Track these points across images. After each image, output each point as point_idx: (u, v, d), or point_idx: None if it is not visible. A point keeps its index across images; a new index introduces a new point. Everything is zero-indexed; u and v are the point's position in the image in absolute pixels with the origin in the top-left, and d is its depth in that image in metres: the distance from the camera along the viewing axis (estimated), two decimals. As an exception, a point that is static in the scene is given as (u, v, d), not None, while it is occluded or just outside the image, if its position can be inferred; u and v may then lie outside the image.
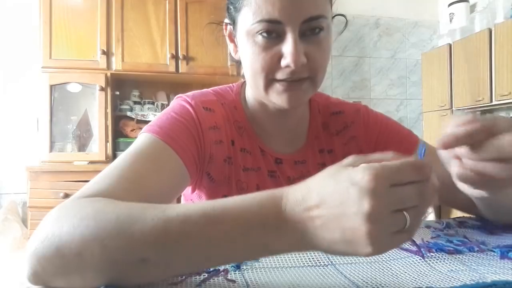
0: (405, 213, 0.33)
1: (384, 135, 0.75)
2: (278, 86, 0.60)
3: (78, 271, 0.38)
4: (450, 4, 3.42)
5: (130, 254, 0.37)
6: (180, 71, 2.73)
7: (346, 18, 0.64)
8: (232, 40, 0.68)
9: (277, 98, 0.61)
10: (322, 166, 0.73)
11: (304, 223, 0.35)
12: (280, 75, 0.59)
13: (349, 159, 0.38)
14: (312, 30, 0.58)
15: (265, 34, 0.57)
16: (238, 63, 0.73)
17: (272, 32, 0.57)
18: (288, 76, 0.58)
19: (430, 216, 2.64)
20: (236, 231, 0.37)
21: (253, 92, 0.67)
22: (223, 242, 0.37)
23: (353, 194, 0.33)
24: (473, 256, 0.49)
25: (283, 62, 0.57)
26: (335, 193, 0.35)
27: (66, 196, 2.31)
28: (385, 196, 0.33)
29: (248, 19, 0.58)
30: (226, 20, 0.67)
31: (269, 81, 0.60)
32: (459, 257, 0.48)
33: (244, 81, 0.75)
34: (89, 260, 0.37)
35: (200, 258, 0.38)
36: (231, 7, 0.63)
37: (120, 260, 0.37)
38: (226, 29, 0.69)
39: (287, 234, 0.36)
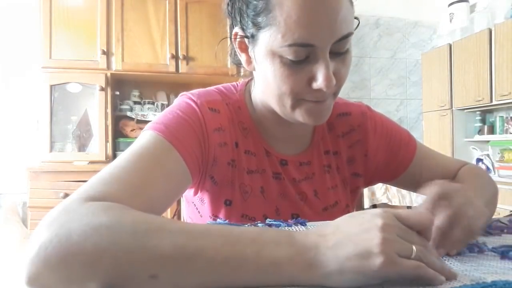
0: (413, 246, 0.37)
1: (390, 140, 0.77)
2: (306, 106, 0.59)
3: (81, 282, 0.36)
4: (450, 4, 3.42)
5: (141, 269, 0.36)
6: (180, 71, 2.73)
7: (358, 20, 0.60)
8: (244, 51, 0.62)
9: (304, 116, 0.60)
10: (327, 167, 0.73)
11: (317, 244, 0.38)
12: (309, 96, 0.58)
13: None
14: (340, 48, 0.56)
15: (295, 58, 0.54)
16: (240, 65, 0.71)
17: (302, 55, 0.54)
18: (318, 98, 0.58)
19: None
20: (250, 249, 0.37)
21: (274, 107, 0.63)
22: (237, 260, 0.37)
23: (367, 216, 0.39)
24: (473, 256, 0.49)
25: (315, 85, 0.55)
26: (350, 221, 0.39)
27: (66, 196, 2.30)
28: (394, 223, 0.38)
29: (276, 41, 0.54)
30: (238, 30, 0.61)
31: (297, 101, 0.59)
32: (459, 258, 0.48)
33: (249, 81, 0.73)
34: (97, 272, 0.35)
35: (211, 278, 0.37)
36: (249, 21, 0.57)
37: (130, 274, 0.36)
38: (235, 38, 0.62)
39: (299, 253, 0.37)
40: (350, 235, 0.37)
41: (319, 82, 0.54)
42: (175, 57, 2.71)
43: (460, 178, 0.73)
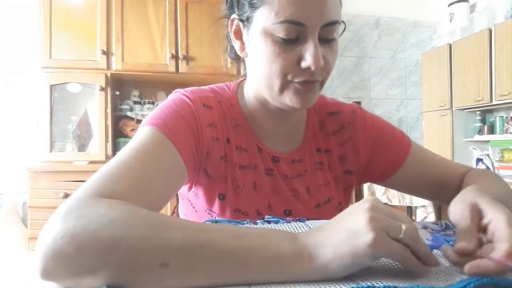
0: (402, 225, 0.38)
1: (380, 138, 0.76)
2: (293, 88, 0.61)
3: (93, 271, 0.37)
4: (450, 4, 3.42)
5: (153, 257, 0.37)
6: (180, 71, 2.74)
7: (345, 24, 0.64)
8: (239, 38, 0.66)
9: (291, 99, 0.62)
10: (319, 165, 0.74)
11: (316, 239, 0.40)
12: (297, 77, 0.60)
13: None
14: (328, 34, 0.59)
15: (286, 36, 0.57)
16: (240, 61, 0.73)
17: (293, 34, 0.57)
18: (306, 78, 0.59)
19: (430, 216, 2.65)
20: (257, 243, 0.39)
21: (262, 92, 0.66)
22: (244, 252, 0.38)
23: (356, 205, 0.41)
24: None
25: (304, 64, 0.58)
26: (343, 213, 0.42)
27: (66, 196, 2.31)
28: (382, 205, 0.40)
29: (269, 18, 0.57)
30: (235, 16, 0.64)
31: (286, 82, 0.61)
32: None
33: (242, 80, 0.75)
34: (109, 261, 0.37)
35: (218, 270, 0.38)
36: (245, 2, 0.61)
37: (142, 262, 0.37)
38: (232, 25, 0.66)
39: (301, 248, 0.39)
40: (341, 222, 0.40)
41: (308, 60, 0.57)
42: (175, 57, 2.71)
43: (469, 181, 0.69)
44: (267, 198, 0.69)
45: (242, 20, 0.63)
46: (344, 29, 0.65)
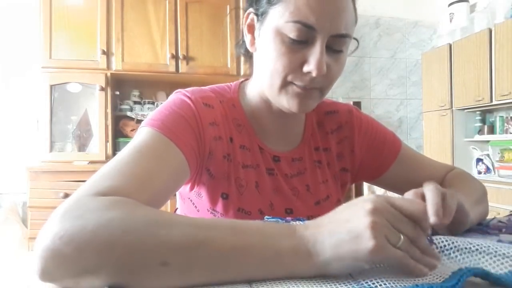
0: (401, 235, 0.39)
1: (374, 138, 0.80)
2: (292, 90, 0.61)
3: (93, 271, 0.37)
4: (450, 4, 3.42)
5: (152, 257, 0.37)
6: (180, 71, 2.73)
7: (358, 42, 0.67)
8: (251, 32, 0.66)
9: (288, 101, 0.62)
10: (317, 163, 0.76)
11: (315, 234, 0.40)
12: (297, 80, 0.60)
13: None
14: (336, 45, 0.60)
15: (295, 37, 0.58)
16: (247, 58, 0.73)
17: (302, 36, 0.58)
18: (306, 83, 0.60)
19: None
20: (256, 239, 0.40)
21: (264, 89, 0.66)
22: (244, 249, 0.39)
23: (357, 203, 0.41)
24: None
25: (306, 68, 0.59)
26: (342, 211, 0.42)
27: (66, 196, 2.31)
28: (384, 208, 0.40)
29: (283, 16, 0.58)
30: (251, 10, 0.65)
31: (286, 83, 0.61)
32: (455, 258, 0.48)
33: (244, 80, 0.75)
34: (109, 261, 0.37)
35: (218, 267, 0.38)
36: None
37: (141, 262, 0.37)
38: (247, 18, 0.67)
39: (299, 243, 0.40)
40: (342, 222, 0.40)
41: (311, 65, 0.58)
42: (175, 57, 2.71)
43: (447, 183, 0.75)
44: (269, 198, 0.70)
45: (257, 15, 0.64)
46: (357, 47, 0.67)
